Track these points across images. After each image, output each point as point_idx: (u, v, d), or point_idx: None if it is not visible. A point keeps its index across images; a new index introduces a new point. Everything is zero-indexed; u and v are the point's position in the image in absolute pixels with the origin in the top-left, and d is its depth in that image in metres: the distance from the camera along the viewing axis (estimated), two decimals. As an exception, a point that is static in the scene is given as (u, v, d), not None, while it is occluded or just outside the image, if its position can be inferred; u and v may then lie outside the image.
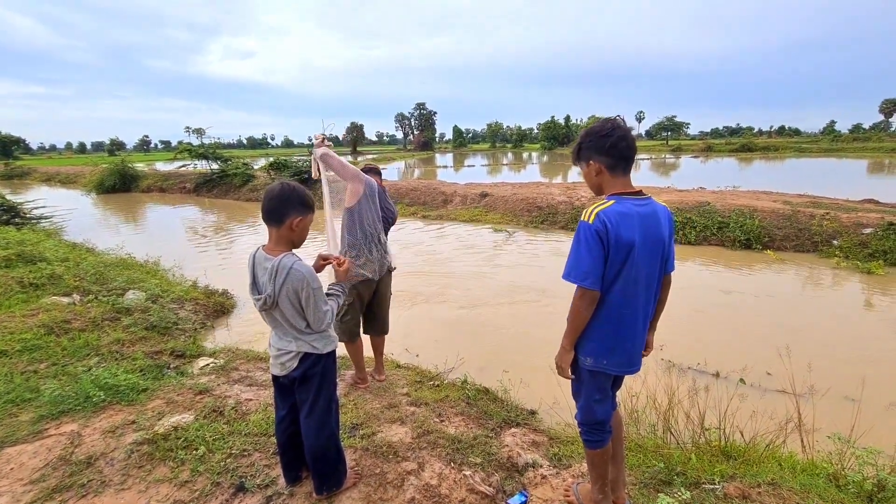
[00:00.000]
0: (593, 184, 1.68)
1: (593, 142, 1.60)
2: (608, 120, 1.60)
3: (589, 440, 1.83)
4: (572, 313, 1.66)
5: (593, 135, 1.59)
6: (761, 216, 8.94)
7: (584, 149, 1.63)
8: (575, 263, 1.58)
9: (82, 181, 24.91)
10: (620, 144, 1.57)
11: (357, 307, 3.08)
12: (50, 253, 6.07)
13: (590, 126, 1.63)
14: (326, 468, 1.94)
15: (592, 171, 1.63)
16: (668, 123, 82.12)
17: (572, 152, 1.69)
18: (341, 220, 2.92)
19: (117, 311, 4.35)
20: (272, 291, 1.68)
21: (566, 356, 1.73)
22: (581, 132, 1.64)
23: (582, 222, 1.56)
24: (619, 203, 1.57)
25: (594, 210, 1.55)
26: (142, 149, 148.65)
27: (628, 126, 1.63)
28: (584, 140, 1.62)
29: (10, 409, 2.71)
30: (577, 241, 1.57)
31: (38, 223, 10.56)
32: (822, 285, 6.60)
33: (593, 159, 1.61)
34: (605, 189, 1.64)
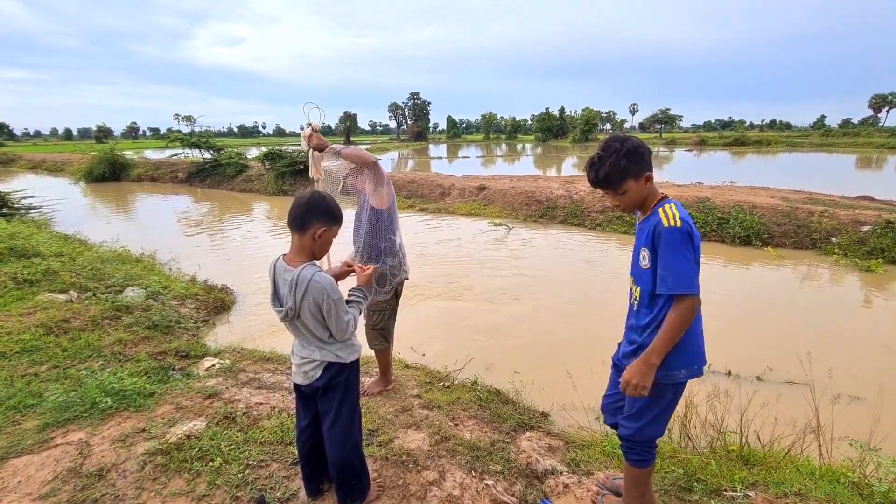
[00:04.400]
0: (641, 196, 1.61)
1: (644, 156, 1.56)
2: (626, 136, 1.57)
3: (642, 459, 1.78)
4: (677, 326, 1.54)
5: (642, 150, 1.55)
6: (760, 213, 8.97)
7: (635, 166, 1.55)
8: (682, 272, 1.50)
9: (70, 169, 24.36)
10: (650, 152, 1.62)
11: (395, 311, 3.04)
12: (43, 247, 5.90)
13: (627, 146, 1.54)
14: (350, 481, 1.89)
15: (644, 182, 1.58)
16: (662, 116, 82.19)
17: (611, 176, 1.56)
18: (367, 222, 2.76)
19: (117, 310, 4.24)
20: (293, 304, 1.63)
21: (652, 373, 1.61)
22: (620, 156, 1.53)
23: (672, 228, 1.50)
24: (674, 202, 1.57)
25: (673, 213, 1.52)
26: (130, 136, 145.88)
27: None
28: (635, 158, 1.54)
29: (13, 415, 2.61)
30: (674, 248, 1.50)
31: (28, 213, 10.31)
32: (825, 283, 6.64)
33: (647, 172, 1.58)
34: (650, 197, 1.61)
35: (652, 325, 1.62)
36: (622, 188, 1.57)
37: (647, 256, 1.59)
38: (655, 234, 1.53)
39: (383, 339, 3.05)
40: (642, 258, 1.61)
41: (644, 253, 1.60)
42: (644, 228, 1.61)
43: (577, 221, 10.47)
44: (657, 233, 1.53)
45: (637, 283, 1.68)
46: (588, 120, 71.77)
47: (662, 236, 1.51)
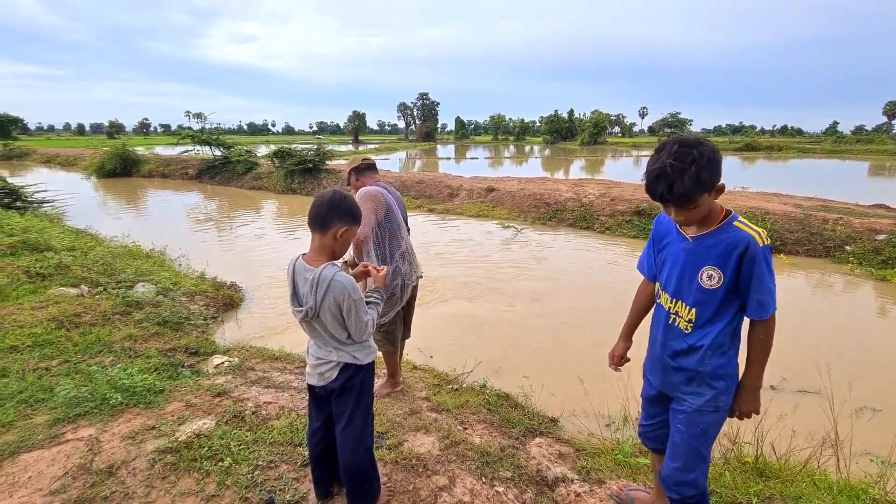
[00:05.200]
0: (708, 210, 1.44)
1: (720, 165, 1.36)
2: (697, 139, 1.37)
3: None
4: (769, 346, 1.48)
5: (719, 158, 1.36)
6: (773, 219, 8.86)
7: (714, 178, 1.35)
8: (773, 291, 1.41)
9: (83, 164, 24.62)
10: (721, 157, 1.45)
11: (401, 315, 3.03)
12: (56, 241, 5.95)
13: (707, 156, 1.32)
14: (362, 485, 1.87)
15: (715, 195, 1.40)
16: (672, 120, 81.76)
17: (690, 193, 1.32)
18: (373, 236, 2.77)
19: (128, 305, 4.26)
20: (313, 304, 1.61)
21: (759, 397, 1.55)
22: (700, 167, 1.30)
23: (767, 247, 1.39)
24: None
25: (759, 230, 1.41)
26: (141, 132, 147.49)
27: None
28: (715, 169, 1.34)
29: (24, 409, 2.62)
30: (770, 269, 1.39)
31: (40, 207, 10.42)
32: (839, 291, 6.54)
33: (721, 182, 1.39)
34: (713, 209, 1.45)
35: (711, 348, 1.50)
36: (698, 203, 1.36)
37: (715, 276, 1.44)
38: (746, 254, 1.38)
39: (389, 343, 3.04)
40: (707, 277, 1.45)
41: (711, 272, 1.44)
42: (712, 245, 1.44)
43: (586, 225, 10.41)
44: (749, 253, 1.37)
45: (689, 303, 1.52)
46: (597, 123, 71.52)
47: (758, 256, 1.37)
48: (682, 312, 1.55)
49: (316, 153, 16.85)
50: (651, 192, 1.39)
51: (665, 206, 1.43)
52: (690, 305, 1.52)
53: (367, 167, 2.96)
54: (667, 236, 1.63)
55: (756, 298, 1.41)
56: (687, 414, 1.58)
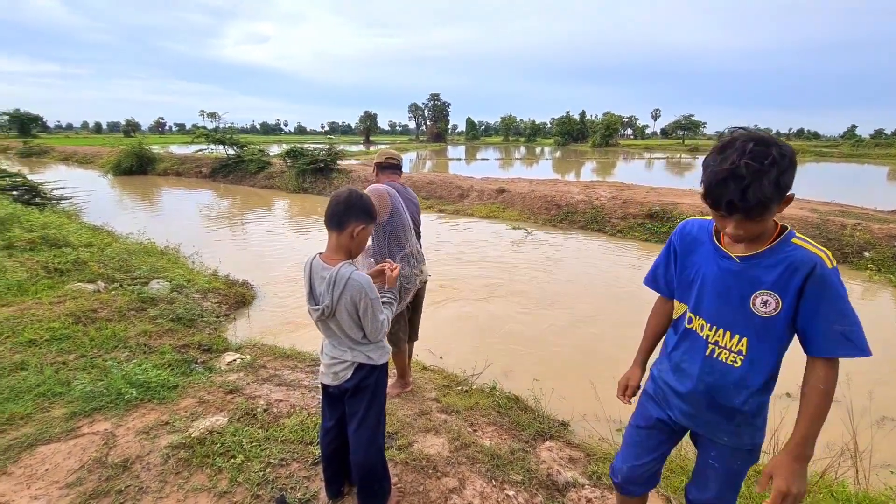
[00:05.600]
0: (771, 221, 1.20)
1: (796, 163, 1.11)
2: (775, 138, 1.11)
3: None
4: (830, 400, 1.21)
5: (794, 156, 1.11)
6: (789, 224, 8.70)
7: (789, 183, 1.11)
8: (861, 327, 1.17)
9: (100, 162, 25.08)
10: None
11: (406, 316, 3.04)
12: (73, 237, 6.06)
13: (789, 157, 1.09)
14: (373, 484, 1.87)
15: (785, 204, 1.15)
16: (685, 122, 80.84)
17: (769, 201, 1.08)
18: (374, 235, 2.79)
19: (142, 301, 4.32)
20: (330, 302, 1.62)
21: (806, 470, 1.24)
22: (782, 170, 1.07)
23: (834, 268, 1.17)
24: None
25: (824, 249, 1.20)
26: (157, 130, 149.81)
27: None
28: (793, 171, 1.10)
29: (42, 402, 2.67)
30: (846, 298, 1.16)
31: (59, 204, 10.62)
32: (857, 298, 6.41)
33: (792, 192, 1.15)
34: (771, 222, 1.21)
35: (761, 387, 1.30)
36: (767, 214, 1.12)
37: (772, 301, 1.21)
38: (811, 277, 1.15)
39: (392, 344, 3.04)
40: (761, 303, 1.22)
41: (767, 297, 1.21)
42: (767, 267, 1.21)
43: (598, 227, 10.33)
44: (815, 275, 1.15)
45: (739, 332, 1.28)
46: (609, 125, 71.04)
47: (829, 280, 1.15)
48: (728, 343, 1.31)
49: (327, 153, 16.96)
50: (716, 197, 1.13)
51: (725, 217, 1.16)
52: (741, 335, 1.28)
53: (388, 166, 2.98)
54: (696, 251, 1.38)
55: (836, 331, 1.17)
56: (722, 449, 1.39)
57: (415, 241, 2.95)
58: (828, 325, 1.17)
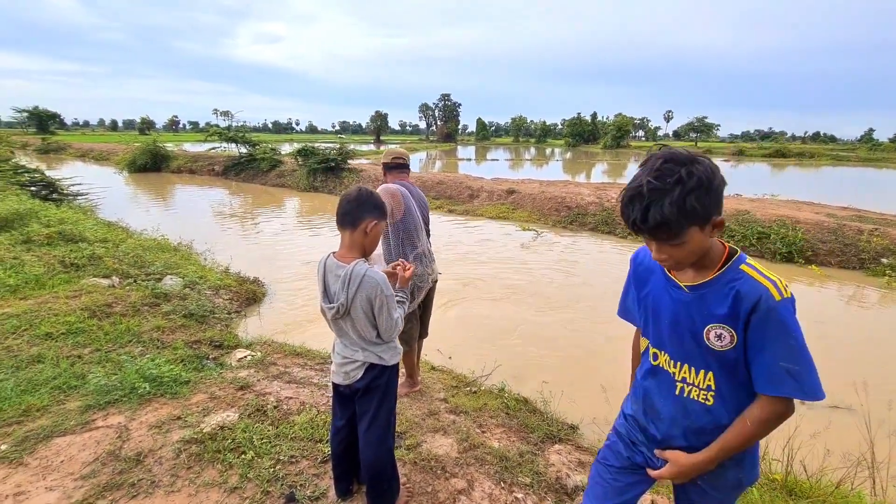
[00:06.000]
0: (702, 249, 1.10)
1: (720, 191, 1.04)
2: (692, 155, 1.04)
3: None
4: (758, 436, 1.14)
5: (718, 182, 1.03)
6: (804, 228, 8.57)
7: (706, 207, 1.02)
8: (812, 367, 1.06)
9: (115, 159, 25.47)
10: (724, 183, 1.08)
11: (417, 315, 3.05)
12: (89, 233, 6.16)
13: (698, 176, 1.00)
14: (382, 484, 1.87)
15: (711, 230, 1.07)
16: (698, 124, 79.92)
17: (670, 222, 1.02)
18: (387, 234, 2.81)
19: (156, 297, 4.38)
20: (345, 300, 1.62)
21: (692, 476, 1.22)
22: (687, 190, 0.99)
23: (788, 302, 1.05)
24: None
25: (777, 278, 1.07)
26: (171, 129, 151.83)
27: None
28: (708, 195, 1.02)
29: (58, 395, 2.72)
30: (798, 333, 1.05)
31: (75, 200, 10.80)
32: (874, 305, 6.28)
33: (719, 215, 1.06)
34: (712, 249, 1.13)
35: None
36: (681, 238, 1.04)
37: (726, 335, 1.10)
38: (755, 312, 1.06)
39: (405, 343, 3.05)
40: (715, 337, 1.12)
41: (720, 331, 1.11)
42: (715, 298, 1.11)
43: (608, 229, 10.25)
44: (762, 308, 1.05)
45: (702, 367, 1.17)
46: (620, 126, 70.51)
47: (777, 315, 1.04)
48: (695, 380, 1.18)
49: (338, 152, 17.06)
50: (625, 217, 1.09)
51: (645, 239, 1.13)
52: (705, 369, 1.17)
53: (396, 166, 2.97)
54: (649, 280, 1.28)
55: (781, 368, 1.06)
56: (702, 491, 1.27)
57: (426, 240, 2.96)
58: (773, 361, 1.06)
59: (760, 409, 1.11)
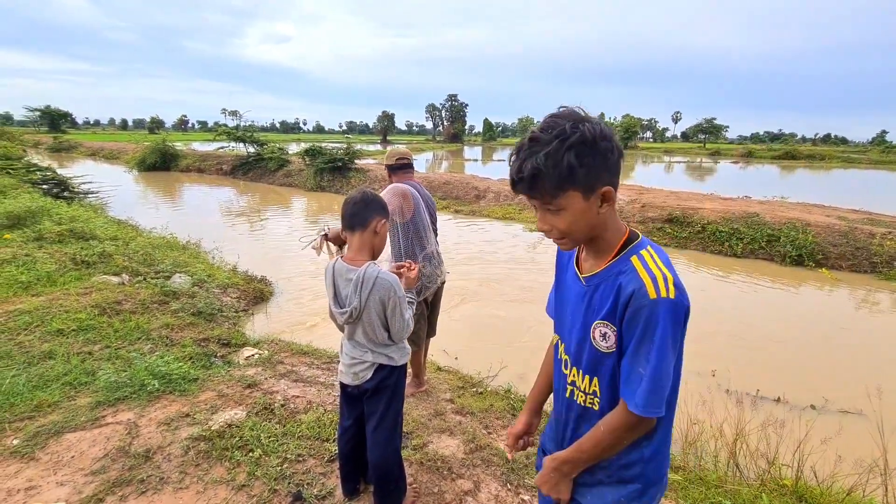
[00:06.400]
0: (588, 224, 0.97)
1: (607, 155, 0.91)
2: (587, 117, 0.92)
3: None
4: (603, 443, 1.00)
5: (607, 144, 0.90)
6: (815, 231, 8.48)
7: (587, 168, 0.89)
8: (663, 383, 0.92)
9: (125, 158, 25.75)
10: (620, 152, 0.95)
11: (425, 314, 3.05)
12: (100, 231, 6.23)
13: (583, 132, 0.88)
14: (389, 484, 1.88)
15: (598, 201, 0.94)
16: (707, 126, 79.27)
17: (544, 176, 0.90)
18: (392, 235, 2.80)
19: (165, 295, 4.41)
20: (359, 304, 1.62)
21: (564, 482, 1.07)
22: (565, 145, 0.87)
23: (664, 300, 0.89)
24: (654, 245, 1.00)
25: (664, 273, 0.91)
26: (180, 128, 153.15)
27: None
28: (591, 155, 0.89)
29: (69, 391, 2.75)
30: (664, 341, 0.90)
31: (86, 198, 10.93)
32: (886, 309, 6.20)
33: (604, 184, 0.93)
34: (608, 230, 1.00)
35: None
36: (559, 201, 0.93)
37: (610, 335, 0.97)
38: (631, 306, 0.92)
39: (413, 343, 3.06)
40: (600, 336, 0.99)
41: (605, 329, 0.98)
42: (604, 289, 0.98)
43: (616, 231, 10.19)
44: (635, 304, 0.92)
45: (589, 371, 1.04)
46: (628, 127, 70.13)
47: (647, 313, 0.90)
48: (581, 383, 1.07)
49: (345, 152, 17.13)
50: (510, 175, 0.98)
51: (530, 202, 0.99)
52: (590, 374, 1.04)
53: (400, 167, 2.95)
54: (565, 272, 1.15)
55: (633, 371, 0.94)
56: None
57: (434, 240, 2.96)
58: (633, 366, 0.94)
59: (614, 414, 0.99)
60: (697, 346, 4.78)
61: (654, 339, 0.90)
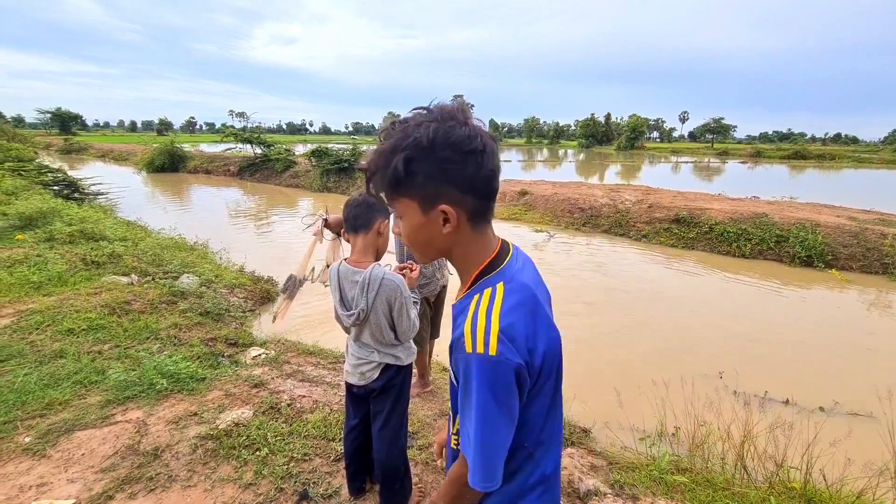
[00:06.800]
0: (427, 237, 0.83)
1: (443, 163, 0.75)
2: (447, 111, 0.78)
3: None
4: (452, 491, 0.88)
5: (442, 151, 0.75)
6: (824, 232, 8.38)
7: (413, 177, 0.77)
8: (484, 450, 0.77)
9: (134, 159, 26.03)
10: (487, 167, 0.79)
11: (428, 315, 3.07)
12: (110, 231, 6.31)
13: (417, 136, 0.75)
14: (395, 484, 1.89)
15: (436, 217, 0.79)
16: (715, 126, 78.65)
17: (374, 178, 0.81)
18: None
19: (173, 295, 4.45)
20: (365, 305, 1.64)
21: None
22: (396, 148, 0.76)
23: (479, 357, 0.73)
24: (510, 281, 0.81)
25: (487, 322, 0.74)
26: (188, 129, 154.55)
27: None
28: (421, 160, 0.75)
29: (79, 390, 2.78)
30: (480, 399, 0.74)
31: (96, 199, 11.06)
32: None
33: (441, 196, 0.78)
34: (467, 252, 0.84)
35: None
36: (396, 206, 0.83)
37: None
38: (454, 353, 0.80)
39: (418, 344, 3.08)
40: (454, 369, 0.83)
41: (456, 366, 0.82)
42: (456, 319, 0.84)
43: (622, 232, 10.15)
44: (456, 354, 0.79)
45: (454, 409, 0.91)
46: (635, 127, 69.83)
47: (464, 367, 0.76)
48: (452, 421, 0.94)
49: (351, 153, 17.21)
50: None
51: None
52: (453, 411, 0.91)
53: None
54: None
55: (464, 427, 0.80)
56: None
57: None
58: (464, 420, 0.80)
59: (455, 465, 0.87)
60: (705, 347, 4.74)
61: (472, 402, 0.75)
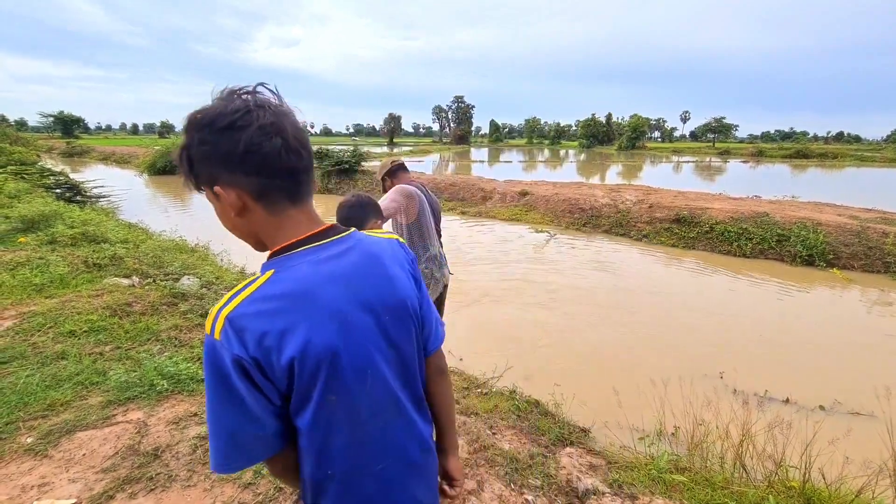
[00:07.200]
0: (230, 222, 0.82)
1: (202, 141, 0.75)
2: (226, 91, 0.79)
3: None
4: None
5: (200, 126, 0.75)
6: (826, 231, 8.37)
7: (198, 164, 0.77)
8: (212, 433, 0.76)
9: (136, 162, 26.12)
10: (266, 145, 0.74)
11: None
12: (111, 234, 6.33)
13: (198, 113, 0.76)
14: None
15: (232, 205, 0.77)
16: (716, 125, 78.56)
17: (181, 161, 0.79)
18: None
19: (174, 296, 4.47)
20: None
21: None
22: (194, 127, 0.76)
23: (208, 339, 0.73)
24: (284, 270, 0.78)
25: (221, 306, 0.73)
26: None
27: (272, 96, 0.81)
28: (203, 145, 0.75)
29: (80, 391, 2.80)
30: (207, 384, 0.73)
31: (98, 202, 11.11)
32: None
33: (215, 179, 0.76)
34: (268, 238, 0.82)
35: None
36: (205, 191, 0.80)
37: None
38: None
39: None
40: None
41: None
42: None
43: (622, 232, 10.16)
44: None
45: None
46: (636, 127, 69.79)
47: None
48: None
49: (352, 154, 17.25)
50: None
51: None
52: None
53: (397, 168, 3.01)
54: None
55: None
56: None
57: (438, 243, 2.97)
58: None
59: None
60: (705, 347, 4.74)
61: (207, 388, 0.74)
